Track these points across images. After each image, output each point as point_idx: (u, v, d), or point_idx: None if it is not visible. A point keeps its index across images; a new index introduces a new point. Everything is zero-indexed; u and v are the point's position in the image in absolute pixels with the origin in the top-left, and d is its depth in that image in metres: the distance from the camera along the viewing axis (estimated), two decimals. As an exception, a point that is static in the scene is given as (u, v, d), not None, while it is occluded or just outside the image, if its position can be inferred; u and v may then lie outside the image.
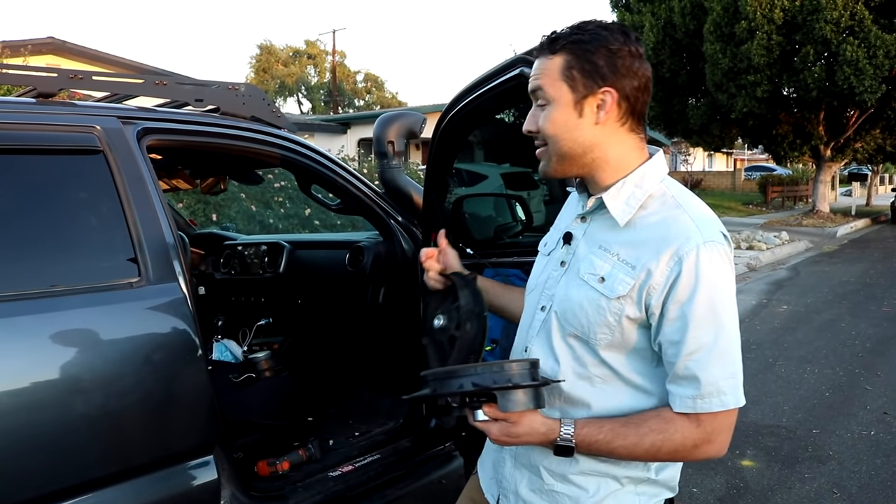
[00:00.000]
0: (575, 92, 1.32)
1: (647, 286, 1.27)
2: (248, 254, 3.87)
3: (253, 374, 3.35)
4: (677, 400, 1.28)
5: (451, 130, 2.67)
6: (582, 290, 1.34)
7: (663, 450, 1.28)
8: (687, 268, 1.24)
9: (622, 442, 1.28)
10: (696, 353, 1.25)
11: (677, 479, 1.46)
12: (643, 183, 1.35)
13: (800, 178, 31.18)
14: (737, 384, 1.27)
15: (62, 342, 1.81)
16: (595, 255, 1.35)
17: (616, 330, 1.31)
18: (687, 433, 1.27)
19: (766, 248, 13.96)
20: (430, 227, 2.86)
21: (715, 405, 1.25)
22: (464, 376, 1.24)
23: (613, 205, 1.34)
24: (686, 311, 1.25)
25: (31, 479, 1.75)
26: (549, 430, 1.29)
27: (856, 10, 16.68)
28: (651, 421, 1.29)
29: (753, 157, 47.22)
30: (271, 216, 9.09)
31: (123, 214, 2.00)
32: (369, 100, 54.22)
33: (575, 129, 1.33)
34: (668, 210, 1.32)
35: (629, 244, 1.31)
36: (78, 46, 19.86)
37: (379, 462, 2.72)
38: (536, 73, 1.36)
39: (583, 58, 1.31)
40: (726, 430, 1.29)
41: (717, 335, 1.25)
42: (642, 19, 20.52)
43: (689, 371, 1.25)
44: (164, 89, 2.42)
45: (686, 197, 1.36)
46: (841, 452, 4.19)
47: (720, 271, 1.27)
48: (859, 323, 7.66)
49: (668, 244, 1.26)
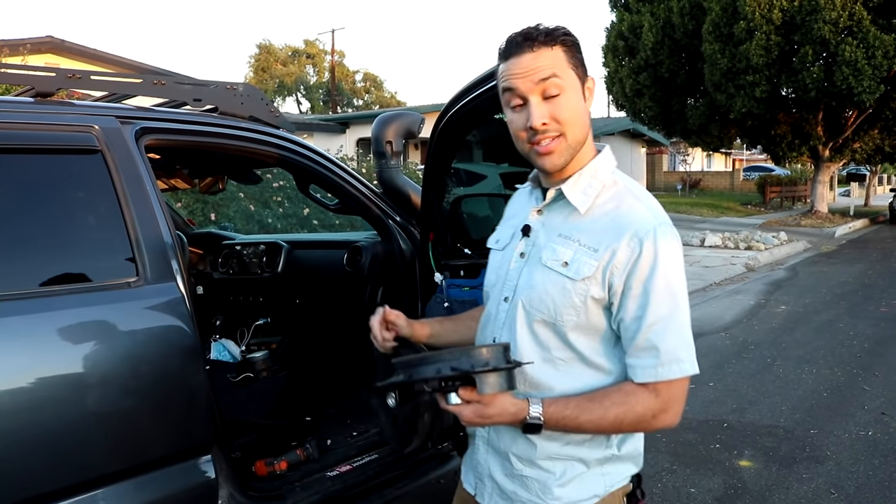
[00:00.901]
0: (579, 79, 1.42)
1: (611, 266, 1.37)
2: (247, 253, 3.87)
3: (251, 374, 3.35)
4: (639, 371, 1.38)
5: (450, 130, 2.67)
6: (547, 275, 1.43)
7: (626, 421, 1.38)
8: (646, 248, 1.36)
9: (588, 416, 1.37)
10: (656, 324, 1.36)
11: (640, 452, 1.55)
12: (597, 174, 1.46)
13: (798, 179, 31.21)
14: (692, 353, 1.39)
15: (60, 342, 1.81)
16: (556, 242, 1.45)
17: (581, 311, 1.40)
18: (647, 403, 1.37)
19: (764, 249, 13.97)
20: (429, 227, 2.86)
21: (675, 372, 1.36)
22: (441, 361, 1.29)
23: (573, 194, 1.44)
24: (647, 286, 1.36)
25: (28, 478, 1.75)
26: (519, 410, 1.35)
27: (854, 11, 16.69)
28: (613, 395, 1.39)
29: (752, 158, 47.25)
30: (270, 216, 9.09)
31: (121, 214, 2.00)
32: (368, 99, 54.23)
33: (585, 115, 1.43)
34: (622, 198, 1.44)
35: (588, 231, 1.42)
36: (76, 45, 19.82)
37: (377, 462, 2.71)
38: (542, 63, 1.37)
39: (576, 50, 1.42)
40: (680, 399, 1.40)
41: (674, 308, 1.37)
42: (641, 19, 20.51)
43: (650, 342, 1.36)
44: (163, 89, 2.42)
45: (635, 187, 1.48)
46: (839, 453, 4.19)
47: (674, 251, 1.39)
48: (857, 323, 7.66)
49: (628, 228, 1.38)
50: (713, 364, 6.13)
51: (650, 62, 20.58)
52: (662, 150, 38.60)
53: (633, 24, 20.92)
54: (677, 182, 35.31)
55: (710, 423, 4.69)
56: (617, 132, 32.55)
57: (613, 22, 22.25)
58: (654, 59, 20.40)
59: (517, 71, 1.38)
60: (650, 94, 21.39)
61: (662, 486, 3.78)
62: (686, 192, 32.69)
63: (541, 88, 1.37)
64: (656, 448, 4.24)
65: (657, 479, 3.84)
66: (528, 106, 1.39)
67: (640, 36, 20.48)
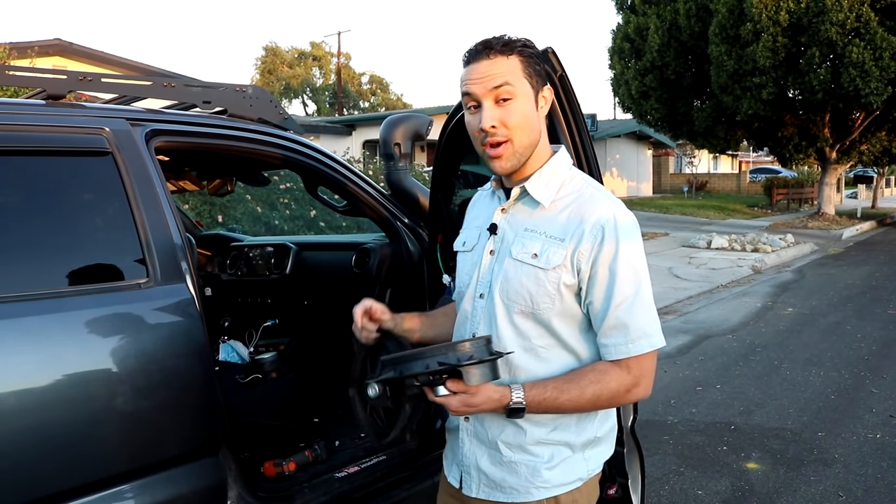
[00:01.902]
0: (533, 88, 1.52)
1: (577, 252, 1.48)
2: (255, 255, 3.88)
3: (259, 375, 3.36)
4: (611, 349, 1.49)
5: (458, 133, 2.67)
6: (520, 268, 1.53)
7: (602, 397, 1.49)
8: (608, 234, 1.47)
9: (567, 396, 1.47)
10: (623, 303, 1.47)
11: (614, 432, 1.68)
12: (557, 171, 1.58)
13: (805, 181, 31.11)
14: (658, 328, 1.51)
15: (70, 342, 1.82)
16: (523, 237, 1.55)
17: (556, 298, 1.50)
18: (620, 379, 1.48)
19: (771, 251, 13.94)
20: (437, 229, 2.87)
21: (644, 346, 1.48)
22: (428, 357, 1.37)
23: (535, 190, 1.55)
24: (612, 269, 1.47)
25: (39, 478, 1.75)
26: (502, 396, 1.44)
27: (861, 12, 16.65)
28: (589, 374, 1.49)
29: (759, 160, 47.09)
30: (277, 217, 9.11)
31: (132, 215, 2.01)
32: (374, 101, 54.32)
33: (535, 122, 1.54)
34: (581, 190, 1.56)
35: (553, 222, 1.53)
36: (84, 48, 19.92)
37: (385, 463, 2.72)
38: (497, 70, 1.48)
39: (533, 61, 1.52)
40: (650, 373, 1.52)
41: (639, 287, 1.49)
42: (647, 21, 20.50)
43: (619, 320, 1.47)
44: (172, 91, 2.43)
45: (592, 180, 1.61)
46: (847, 455, 4.18)
47: (634, 234, 1.51)
48: (865, 326, 7.64)
49: (589, 216, 1.49)
50: (720, 366, 6.12)
51: (656, 64, 20.57)
52: (669, 153, 38.56)
53: (640, 27, 20.91)
54: (684, 184, 35.24)
55: (717, 425, 4.69)
56: (623, 134, 32.54)
57: (619, 24, 22.25)
58: (661, 61, 20.39)
59: (474, 77, 1.49)
60: (656, 96, 21.38)
61: (670, 488, 3.78)
62: (692, 194, 32.63)
63: (494, 94, 1.48)
64: (663, 451, 4.23)
65: (664, 482, 3.83)
66: (481, 109, 1.49)
67: (647, 38, 20.48)
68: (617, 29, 22.30)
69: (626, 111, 24.11)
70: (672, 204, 25.85)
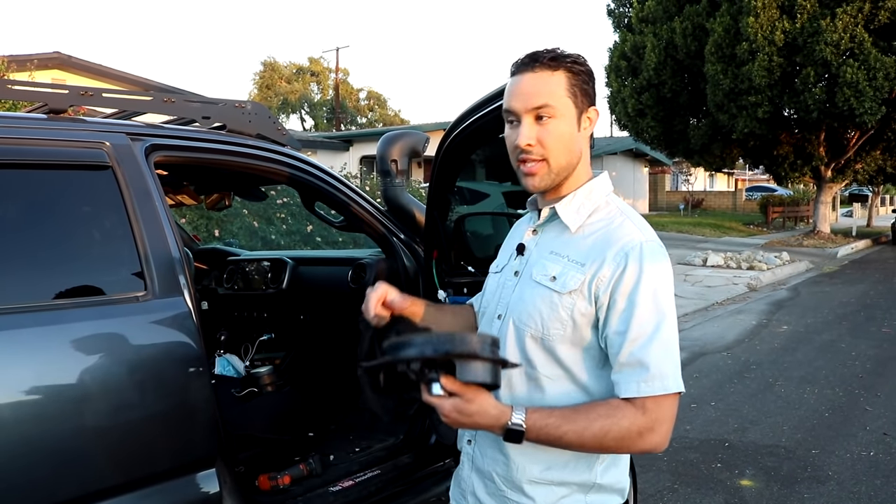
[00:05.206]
0: (577, 108, 1.43)
1: (596, 280, 1.37)
2: (251, 269, 3.90)
3: (255, 389, 3.37)
4: (623, 386, 1.35)
5: (454, 149, 2.71)
6: (535, 290, 1.45)
7: (610, 435, 1.33)
8: (632, 261, 1.36)
9: (571, 426, 1.33)
10: (640, 339, 1.33)
11: (624, 484, 1.51)
12: (591, 195, 1.49)
13: (801, 199, 31.26)
14: (677, 371, 1.35)
15: (68, 354, 1.84)
16: (546, 259, 1.47)
17: (568, 325, 1.40)
18: (633, 419, 1.33)
19: (766, 269, 13.98)
20: (432, 245, 2.89)
21: (657, 388, 1.32)
22: (424, 343, 1.26)
23: (565, 212, 1.47)
24: (632, 300, 1.35)
25: (33, 490, 1.76)
26: (501, 413, 1.32)
27: (856, 33, 16.80)
28: (599, 408, 1.35)
29: (754, 178, 47.33)
30: (273, 232, 9.13)
31: (130, 229, 2.04)
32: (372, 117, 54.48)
33: (575, 142, 1.45)
34: (612, 217, 1.46)
35: (578, 247, 1.43)
36: (83, 61, 19.93)
37: (379, 477, 2.73)
38: (539, 88, 1.41)
39: (581, 79, 1.44)
40: (668, 420, 1.35)
41: (660, 323, 1.35)
42: (644, 40, 20.64)
43: (634, 357, 1.33)
44: (172, 106, 2.46)
45: (628, 209, 1.50)
46: (840, 473, 4.19)
47: (661, 266, 1.38)
48: (859, 343, 7.66)
49: (614, 243, 1.39)
50: (715, 383, 6.13)
51: (653, 82, 20.69)
52: (665, 170, 38.68)
53: (636, 45, 21.06)
54: (680, 202, 35.35)
55: (711, 442, 4.69)
56: (619, 151, 32.62)
57: (616, 42, 22.40)
58: (657, 80, 20.52)
59: (515, 91, 1.43)
60: (653, 114, 21.49)
61: (664, 504, 3.78)
62: (688, 212, 32.71)
63: (534, 112, 1.41)
64: (657, 467, 4.24)
65: (658, 499, 3.84)
66: (520, 124, 1.43)
67: (643, 56, 20.61)
68: (614, 47, 22.46)
69: (622, 129, 24.22)
70: (668, 221, 25.91)
